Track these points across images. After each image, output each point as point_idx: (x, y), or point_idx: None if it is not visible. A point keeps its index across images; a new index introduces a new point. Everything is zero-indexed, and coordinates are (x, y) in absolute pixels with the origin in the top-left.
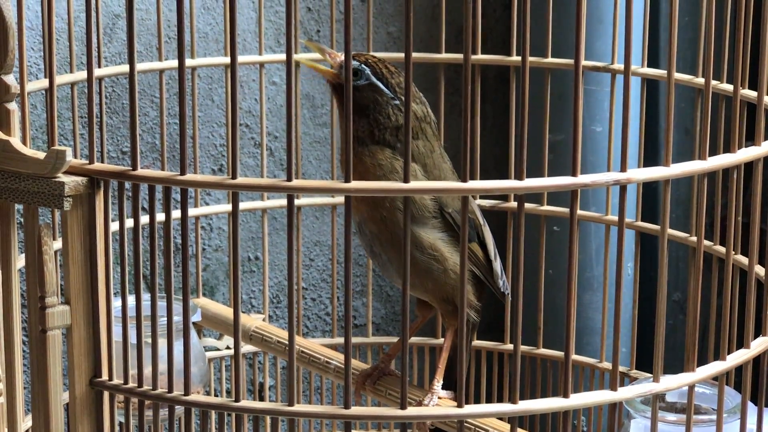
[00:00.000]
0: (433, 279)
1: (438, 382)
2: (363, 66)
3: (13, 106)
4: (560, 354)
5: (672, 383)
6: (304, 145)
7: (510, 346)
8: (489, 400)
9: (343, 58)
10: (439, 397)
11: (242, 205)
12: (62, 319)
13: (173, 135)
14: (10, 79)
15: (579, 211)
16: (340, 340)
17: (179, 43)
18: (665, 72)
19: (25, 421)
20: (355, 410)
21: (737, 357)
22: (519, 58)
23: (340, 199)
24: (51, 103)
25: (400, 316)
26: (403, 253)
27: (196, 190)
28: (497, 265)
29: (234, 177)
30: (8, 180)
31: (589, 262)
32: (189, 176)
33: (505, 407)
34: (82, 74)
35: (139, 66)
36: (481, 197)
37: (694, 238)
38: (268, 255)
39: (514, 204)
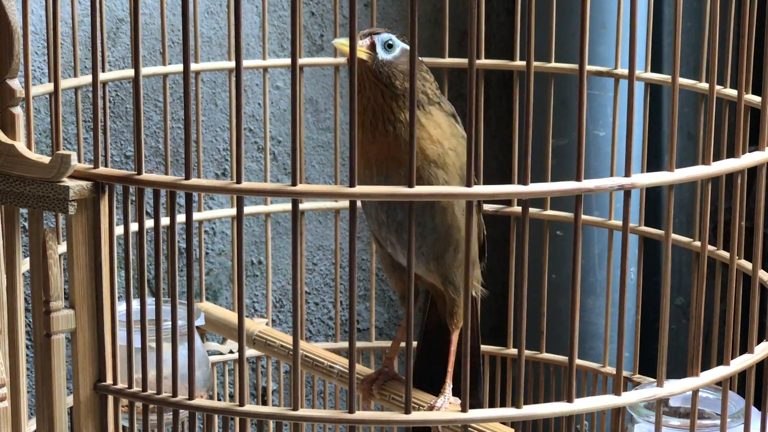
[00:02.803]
0: (455, 248)
1: (449, 385)
2: (389, 35)
3: (18, 111)
4: (563, 358)
5: (676, 388)
6: (308, 149)
7: (513, 351)
8: (492, 405)
9: (370, 37)
10: (450, 402)
11: (246, 210)
12: (67, 323)
13: (176, 139)
14: (15, 84)
15: (582, 216)
16: (343, 344)
17: (184, 47)
18: (668, 77)
19: (29, 425)
20: (359, 414)
21: (741, 362)
22: (523, 63)
23: (343, 203)
24: (56, 108)
25: (401, 322)
26: (408, 251)
27: (200, 194)
28: None
29: (239, 181)
30: (13, 184)
31: (592, 266)
32: (194, 181)
33: (510, 412)
34: (86, 78)
35: (143, 70)
36: (485, 202)
37: (698, 243)
38: (271, 259)
39: (517, 209)
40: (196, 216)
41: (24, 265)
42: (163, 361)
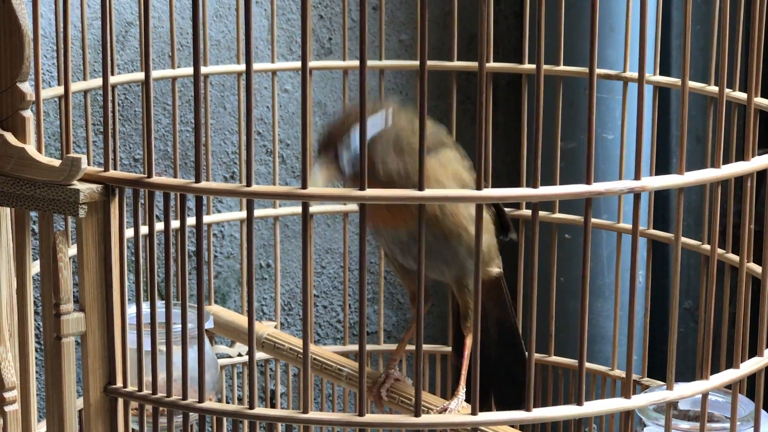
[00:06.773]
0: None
1: (462, 388)
2: None
3: (28, 114)
4: (572, 362)
5: (686, 391)
6: (316, 152)
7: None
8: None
9: None
10: (462, 406)
11: (254, 213)
12: (77, 326)
13: (185, 142)
14: (26, 87)
15: (591, 219)
16: (352, 347)
17: (194, 50)
18: (677, 80)
19: (39, 428)
20: (368, 417)
21: (750, 365)
22: (531, 66)
23: (352, 206)
24: (66, 111)
25: (410, 323)
26: (417, 260)
27: (209, 197)
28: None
29: (249, 184)
30: (23, 187)
31: (600, 269)
32: (204, 184)
33: (519, 415)
34: (96, 82)
35: (152, 73)
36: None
37: (707, 246)
38: (280, 262)
39: (526, 212)
40: (205, 219)
41: (34, 268)
42: (173, 364)
